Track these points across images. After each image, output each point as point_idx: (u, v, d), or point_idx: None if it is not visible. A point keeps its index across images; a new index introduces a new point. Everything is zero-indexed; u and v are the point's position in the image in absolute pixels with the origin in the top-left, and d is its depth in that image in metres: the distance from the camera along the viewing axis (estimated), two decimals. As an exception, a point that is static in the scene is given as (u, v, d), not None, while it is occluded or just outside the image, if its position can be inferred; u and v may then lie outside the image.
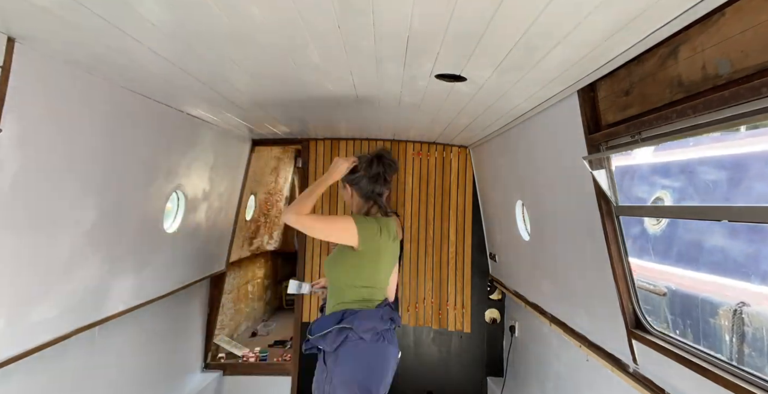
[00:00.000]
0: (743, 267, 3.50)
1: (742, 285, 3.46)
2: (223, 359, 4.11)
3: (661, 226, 4.24)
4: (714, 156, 4.02)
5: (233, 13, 1.27)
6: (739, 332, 3.24)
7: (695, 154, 4.28)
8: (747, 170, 3.67)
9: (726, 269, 3.61)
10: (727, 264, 3.62)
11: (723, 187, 3.84)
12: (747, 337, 3.19)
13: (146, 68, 1.73)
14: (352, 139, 3.85)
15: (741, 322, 3.24)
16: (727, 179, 3.81)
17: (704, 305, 3.64)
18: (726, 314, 3.38)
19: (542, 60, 1.54)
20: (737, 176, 3.74)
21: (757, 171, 3.59)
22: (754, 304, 3.24)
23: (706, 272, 3.76)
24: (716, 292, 3.61)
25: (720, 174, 3.90)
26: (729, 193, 3.74)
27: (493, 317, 3.89)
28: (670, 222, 4.17)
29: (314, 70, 1.82)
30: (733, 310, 3.30)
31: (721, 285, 3.61)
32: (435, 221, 3.88)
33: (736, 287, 3.50)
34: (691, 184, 4.23)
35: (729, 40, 1.11)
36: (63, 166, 1.74)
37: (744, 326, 3.22)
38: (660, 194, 4.40)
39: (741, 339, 3.22)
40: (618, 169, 1.87)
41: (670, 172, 4.48)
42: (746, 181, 3.67)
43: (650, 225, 4.30)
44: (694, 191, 4.17)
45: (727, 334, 3.33)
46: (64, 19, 1.27)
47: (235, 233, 3.96)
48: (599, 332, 2.16)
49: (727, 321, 3.35)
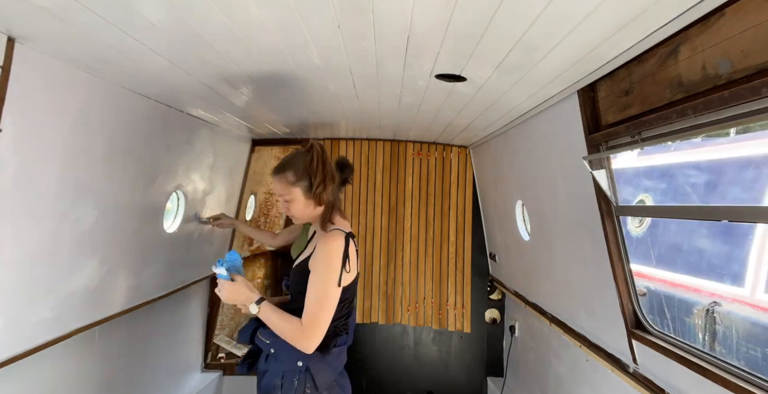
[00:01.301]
0: (717, 268, 3.61)
1: (715, 286, 3.59)
2: (223, 359, 4.11)
3: (643, 228, 4.36)
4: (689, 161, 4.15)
5: (233, 13, 1.27)
6: (711, 330, 3.36)
7: (672, 159, 4.39)
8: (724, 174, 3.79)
9: (701, 270, 3.73)
10: (702, 265, 3.73)
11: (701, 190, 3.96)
12: (718, 335, 3.32)
13: (146, 68, 1.73)
14: (352, 139, 3.85)
15: (713, 320, 3.36)
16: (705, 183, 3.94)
17: (680, 304, 3.76)
18: (700, 313, 3.51)
19: (542, 60, 1.54)
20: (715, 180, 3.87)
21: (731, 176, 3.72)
22: (725, 303, 3.38)
23: (684, 273, 3.88)
24: (692, 292, 3.74)
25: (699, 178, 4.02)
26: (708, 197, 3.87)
27: (493, 317, 3.89)
28: (651, 225, 4.30)
29: (314, 70, 1.82)
30: (705, 309, 3.42)
31: (696, 285, 3.73)
32: (435, 221, 3.88)
33: (709, 287, 3.62)
34: (671, 187, 4.37)
35: (729, 40, 1.11)
36: (63, 166, 1.74)
37: (716, 324, 3.34)
38: (642, 197, 4.52)
39: (713, 337, 3.34)
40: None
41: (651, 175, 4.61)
42: (722, 186, 3.80)
43: (633, 227, 4.42)
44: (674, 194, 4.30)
45: (701, 332, 3.45)
46: (64, 19, 1.27)
47: (235, 233, 3.96)
48: (599, 332, 2.16)
49: (701, 320, 3.47)
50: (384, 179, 3.86)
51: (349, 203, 3.87)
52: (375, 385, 3.97)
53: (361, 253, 3.87)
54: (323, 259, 1.70)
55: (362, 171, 3.87)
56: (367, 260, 3.88)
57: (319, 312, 1.65)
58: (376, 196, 3.88)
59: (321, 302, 1.66)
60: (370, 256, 3.88)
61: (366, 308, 3.87)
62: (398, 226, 3.89)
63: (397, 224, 3.89)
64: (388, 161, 3.87)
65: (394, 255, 3.89)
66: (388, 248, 3.89)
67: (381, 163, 3.88)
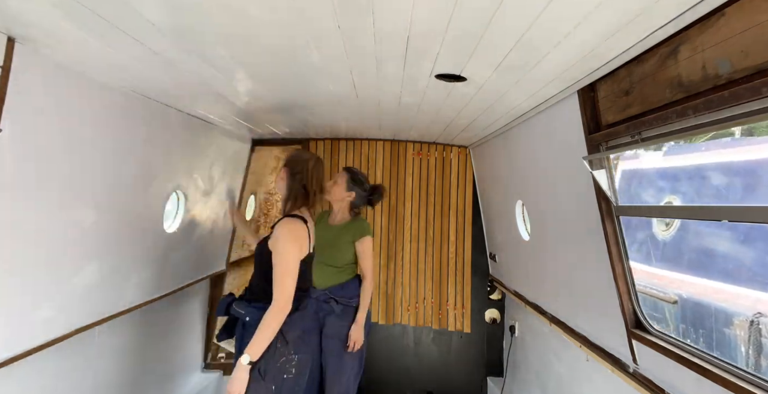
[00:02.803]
0: (759, 276, 3.39)
1: (757, 295, 3.35)
2: (223, 359, 4.10)
3: (671, 231, 4.16)
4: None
5: (233, 13, 1.27)
6: (756, 343, 3.18)
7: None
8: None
9: (740, 277, 3.50)
10: (741, 272, 3.51)
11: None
12: (765, 348, 3.13)
13: (146, 68, 1.73)
14: (352, 139, 3.85)
15: (758, 333, 3.18)
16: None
17: (718, 314, 3.54)
18: (742, 324, 3.32)
19: (542, 60, 1.54)
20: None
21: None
22: None
23: (719, 281, 3.64)
24: (730, 301, 3.49)
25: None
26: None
27: (493, 317, 3.89)
28: (680, 228, 4.07)
29: (314, 70, 1.82)
30: (750, 320, 3.24)
31: (734, 294, 3.49)
32: (435, 221, 3.88)
33: (750, 296, 3.38)
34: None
35: (729, 40, 1.11)
36: (63, 166, 1.74)
37: (761, 337, 3.16)
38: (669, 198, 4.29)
39: (758, 350, 3.16)
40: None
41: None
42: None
43: (660, 231, 4.22)
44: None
45: (743, 345, 3.26)
46: (64, 19, 1.27)
47: (235, 233, 3.96)
48: (599, 332, 2.16)
49: (743, 332, 3.29)
50: (384, 179, 3.86)
51: (349, 202, 3.86)
52: (375, 385, 3.97)
53: (361, 253, 3.87)
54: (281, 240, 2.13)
55: (362, 171, 3.86)
56: (367, 260, 3.87)
57: (282, 283, 2.01)
58: (376, 196, 3.87)
59: (283, 275, 2.02)
60: (370, 256, 3.87)
61: (366, 308, 3.86)
62: (398, 226, 3.89)
63: (397, 224, 3.89)
64: (388, 161, 3.87)
65: (394, 255, 3.89)
66: (388, 248, 3.89)
67: (381, 163, 3.88)
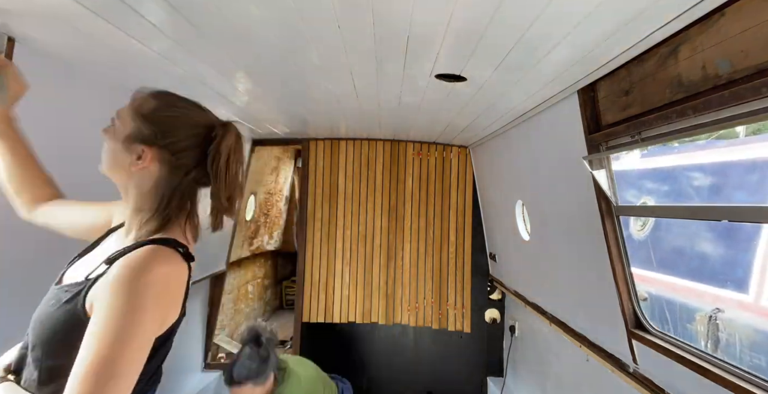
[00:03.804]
0: (720, 273, 3.54)
1: (718, 291, 3.51)
2: (223, 359, 4.10)
3: (645, 231, 4.30)
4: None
5: (234, 13, 1.27)
6: (714, 337, 3.30)
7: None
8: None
9: (704, 274, 3.66)
10: (704, 270, 3.67)
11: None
12: (721, 342, 3.26)
13: (146, 68, 1.73)
14: (352, 139, 3.85)
15: (716, 328, 3.30)
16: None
17: (682, 310, 3.69)
18: (702, 319, 3.44)
19: (542, 60, 1.54)
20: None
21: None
22: (728, 310, 3.31)
23: (686, 278, 3.81)
24: (694, 297, 3.66)
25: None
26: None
27: (493, 317, 3.89)
28: (654, 227, 4.22)
29: (314, 70, 1.82)
30: (708, 316, 3.36)
31: (699, 292, 3.65)
32: (435, 221, 3.88)
33: (712, 293, 3.55)
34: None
35: (729, 40, 1.11)
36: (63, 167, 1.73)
37: (718, 331, 3.28)
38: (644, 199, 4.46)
39: (716, 344, 3.28)
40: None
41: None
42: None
43: (635, 230, 4.36)
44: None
45: (703, 339, 3.38)
46: (64, 19, 1.27)
47: (235, 233, 3.96)
48: (599, 332, 2.16)
49: (703, 326, 3.40)
50: (384, 179, 3.86)
51: (350, 202, 3.87)
52: (375, 385, 3.97)
53: (362, 253, 3.88)
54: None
55: (362, 171, 3.87)
56: (367, 260, 3.88)
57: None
58: (376, 196, 3.88)
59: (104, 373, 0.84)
60: (370, 256, 3.88)
61: (366, 308, 3.87)
62: (398, 226, 3.89)
63: (397, 224, 3.89)
64: (388, 161, 3.87)
65: (394, 255, 3.89)
66: (388, 248, 3.89)
67: (381, 163, 3.88)
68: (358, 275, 3.87)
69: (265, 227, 5.30)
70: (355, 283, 3.87)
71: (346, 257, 3.87)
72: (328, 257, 3.86)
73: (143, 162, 1.02)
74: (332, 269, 3.86)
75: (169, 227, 1.02)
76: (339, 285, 3.86)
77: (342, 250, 3.86)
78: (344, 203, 3.86)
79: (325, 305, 3.86)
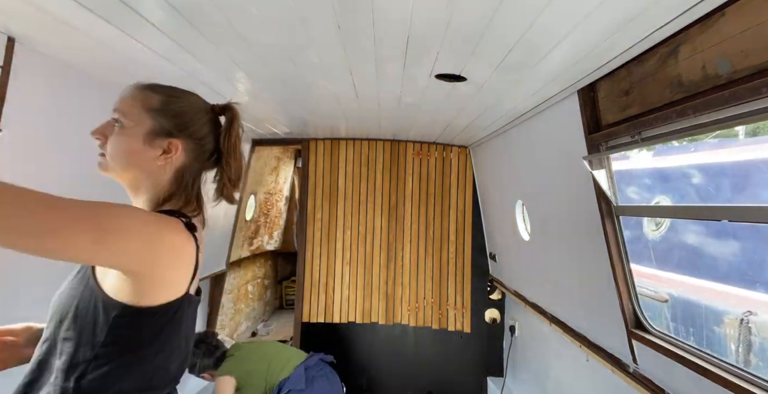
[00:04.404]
0: (747, 275, 3.41)
1: (745, 293, 3.37)
2: (223, 359, 4.10)
3: (661, 231, 4.19)
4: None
5: (234, 13, 1.27)
6: (745, 341, 3.20)
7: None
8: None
9: (729, 276, 3.53)
10: (730, 271, 3.53)
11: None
12: (754, 346, 3.15)
13: (146, 68, 1.73)
14: (352, 139, 3.85)
15: (748, 331, 3.19)
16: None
17: (708, 312, 3.57)
18: (732, 322, 3.32)
19: (542, 60, 1.54)
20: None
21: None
22: (761, 313, 3.18)
23: (709, 280, 3.68)
24: (720, 300, 3.53)
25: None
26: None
27: (493, 317, 3.89)
28: (669, 228, 4.11)
29: (314, 70, 1.82)
30: (740, 319, 3.24)
31: (724, 293, 3.52)
32: (435, 221, 3.88)
33: (739, 295, 3.41)
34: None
35: (729, 40, 1.11)
36: (63, 167, 1.74)
37: (751, 335, 3.18)
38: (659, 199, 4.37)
39: (748, 348, 3.18)
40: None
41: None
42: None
43: (650, 231, 4.25)
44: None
45: (733, 343, 3.28)
46: (64, 19, 1.27)
47: (235, 233, 3.96)
48: (599, 332, 2.16)
49: (733, 330, 3.29)
50: (384, 179, 3.86)
51: (349, 202, 3.87)
52: (375, 385, 3.97)
53: (362, 253, 3.88)
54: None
55: (362, 171, 3.87)
56: (367, 260, 3.88)
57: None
58: (376, 196, 3.88)
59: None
60: (370, 256, 3.88)
61: (366, 308, 3.87)
62: (398, 226, 3.89)
63: (397, 224, 3.89)
64: (388, 161, 3.87)
65: (394, 255, 3.89)
66: (388, 248, 3.89)
67: (381, 163, 3.88)
68: (358, 275, 3.87)
69: (265, 227, 5.30)
70: (355, 283, 3.87)
71: (346, 257, 3.87)
72: (328, 257, 3.86)
73: (172, 154, 1.03)
74: (332, 269, 3.87)
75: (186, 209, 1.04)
76: (339, 285, 3.86)
77: (342, 250, 3.86)
78: (344, 203, 3.87)
79: (325, 305, 3.86)
